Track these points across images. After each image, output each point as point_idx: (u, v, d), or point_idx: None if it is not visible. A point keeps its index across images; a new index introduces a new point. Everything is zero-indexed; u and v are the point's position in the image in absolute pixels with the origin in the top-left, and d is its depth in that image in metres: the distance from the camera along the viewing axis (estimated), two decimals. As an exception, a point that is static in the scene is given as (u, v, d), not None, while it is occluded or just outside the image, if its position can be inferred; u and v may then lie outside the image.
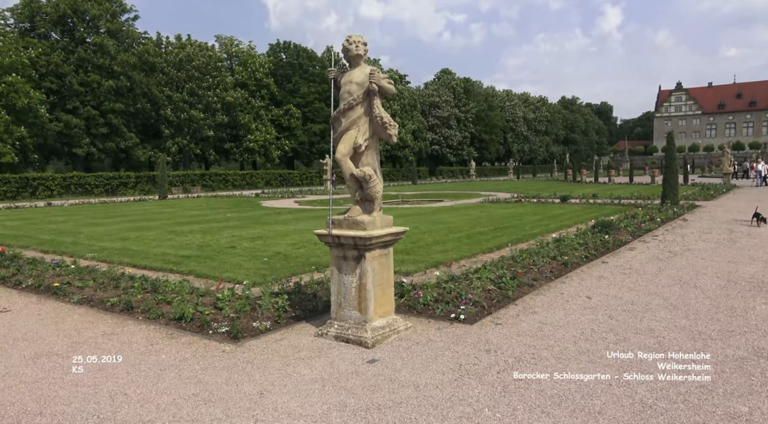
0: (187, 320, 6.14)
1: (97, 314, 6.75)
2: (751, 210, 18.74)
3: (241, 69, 56.45)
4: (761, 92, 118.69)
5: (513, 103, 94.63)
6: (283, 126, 57.41)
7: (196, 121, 50.21)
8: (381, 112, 5.29)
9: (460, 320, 5.96)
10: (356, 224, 5.30)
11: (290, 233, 13.87)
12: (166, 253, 11.15)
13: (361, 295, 5.34)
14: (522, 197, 26.19)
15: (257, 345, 5.36)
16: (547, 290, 7.41)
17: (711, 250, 10.40)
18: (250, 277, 8.54)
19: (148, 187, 44.72)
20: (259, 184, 52.83)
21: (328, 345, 5.28)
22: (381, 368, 4.67)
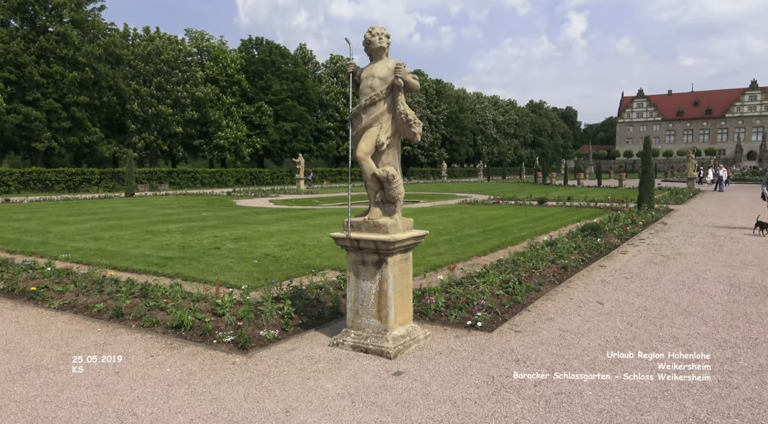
0: (187, 329, 5.72)
1: (83, 321, 6.24)
2: (723, 214, 19.23)
3: (212, 64, 55.14)
4: (717, 101, 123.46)
5: (483, 105, 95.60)
6: (255, 123, 56.36)
7: (164, 117, 48.78)
8: (406, 109, 5.00)
9: (477, 328, 5.72)
10: (377, 226, 5.00)
11: (274, 234, 13.42)
12: (146, 254, 10.57)
13: (381, 302, 5.04)
14: (499, 199, 26.28)
15: (269, 356, 5.00)
16: (555, 294, 7.26)
17: (702, 254, 10.49)
18: (242, 280, 8.13)
19: (112, 184, 43.17)
20: (229, 182, 51.71)
21: (346, 356, 4.97)
22: (409, 381, 4.38)
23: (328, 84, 66.37)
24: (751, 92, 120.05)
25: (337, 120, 65.02)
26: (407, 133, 5.07)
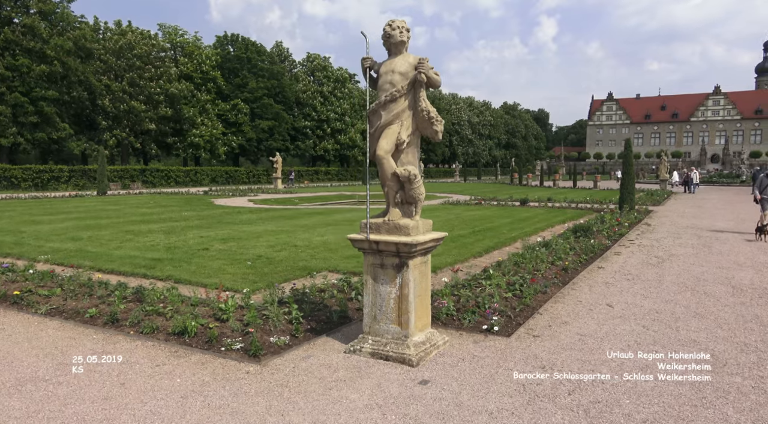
0: (191, 335, 5.42)
1: (75, 327, 5.87)
2: (702, 215, 19.59)
3: (186, 60, 54.04)
4: (682, 105, 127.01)
5: (459, 106, 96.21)
6: (231, 121, 55.46)
7: (137, 113, 47.53)
8: (428, 105, 4.81)
9: (493, 332, 5.57)
10: (398, 228, 4.80)
11: (262, 235, 13.07)
12: (132, 255, 10.13)
13: (401, 307, 4.84)
14: (482, 200, 26.32)
15: (284, 364, 4.75)
16: (562, 297, 7.17)
17: (693, 255, 10.58)
18: (238, 282, 7.83)
19: (83, 182, 41.85)
20: (204, 181, 50.73)
21: (366, 363, 4.75)
22: (437, 390, 4.19)
23: (305, 82, 65.76)
24: (715, 97, 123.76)
25: (314, 119, 64.51)
26: (428, 131, 4.88)
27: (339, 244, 11.50)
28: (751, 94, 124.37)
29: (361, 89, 75.84)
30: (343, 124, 66.73)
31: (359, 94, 72.44)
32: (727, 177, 59.40)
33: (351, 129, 67.74)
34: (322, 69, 67.53)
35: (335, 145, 66.44)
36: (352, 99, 69.03)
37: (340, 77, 68.56)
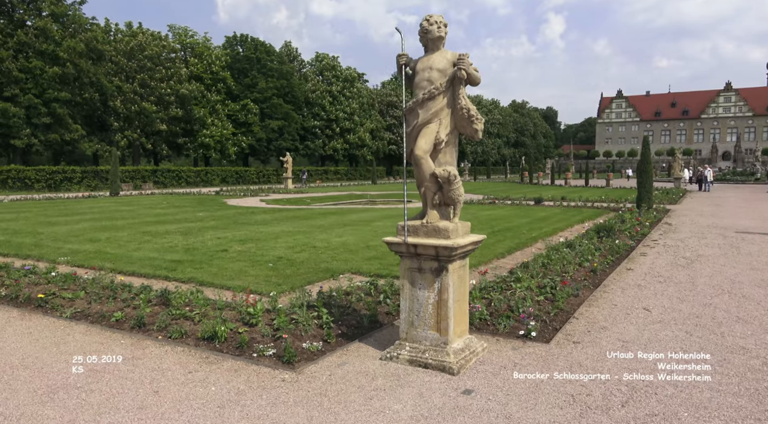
0: (221, 340, 5.28)
1: (102, 332, 5.76)
2: (722, 214, 19.26)
3: (197, 61, 54.13)
4: (693, 102, 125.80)
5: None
6: (240, 122, 55.50)
7: (148, 114, 47.67)
8: (467, 103, 4.64)
9: (531, 338, 5.40)
10: (437, 231, 4.64)
11: (280, 236, 12.96)
12: (151, 257, 10.05)
13: (440, 313, 4.68)
14: (495, 199, 26.11)
15: (319, 372, 4.60)
16: (595, 300, 6.98)
17: (722, 256, 10.34)
18: (261, 285, 7.71)
19: (95, 182, 42.06)
20: (214, 181, 50.83)
21: (404, 371, 4.59)
22: (483, 401, 4.02)
23: (314, 82, 65.71)
24: (726, 94, 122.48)
25: (323, 118, 64.44)
26: (468, 129, 4.71)
27: (358, 245, 11.35)
28: (763, 91, 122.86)
29: (369, 89, 75.77)
30: (352, 124, 66.64)
31: (368, 94, 72.38)
32: (741, 175, 58.67)
33: (360, 128, 67.63)
34: (330, 68, 67.47)
35: (344, 145, 66.36)
36: (360, 98, 68.92)
37: (349, 77, 68.47)
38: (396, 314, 6.26)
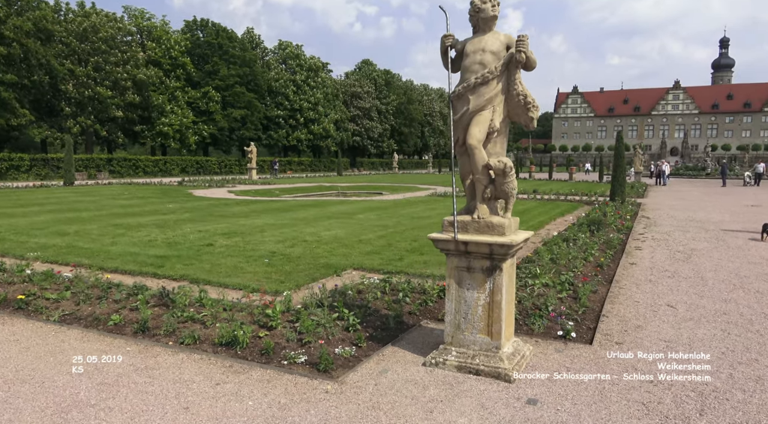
0: (242, 346, 4.80)
1: (100, 337, 5.17)
2: (691, 207, 19.73)
3: (154, 45, 51.86)
4: (644, 99, 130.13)
5: (430, 97, 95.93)
6: (201, 110, 53.64)
7: (102, 100, 45.39)
8: (524, 89, 4.30)
9: (571, 339, 5.15)
10: (490, 227, 4.29)
11: (265, 229, 12.36)
12: (132, 252, 9.33)
13: (492, 315, 4.34)
14: (469, 192, 26.02)
15: (362, 381, 4.20)
16: (614, 297, 6.82)
17: (714, 250, 10.45)
18: (262, 282, 7.21)
19: (45, 171, 39.80)
20: (173, 171, 49.00)
21: (455, 379, 4.24)
22: (552, 412, 3.73)
23: (277, 71, 64.19)
24: (674, 92, 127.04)
25: (287, 108, 63.11)
26: (523, 118, 4.37)
27: (351, 239, 10.93)
28: (708, 90, 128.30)
29: (334, 79, 74.70)
30: (317, 114, 65.54)
31: (332, 84, 71.35)
32: (693, 170, 61.19)
33: (324, 119, 66.62)
34: (294, 57, 66.05)
35: (308, 135, 65.24)
36: (325, 88, 67.84)
37: (313, 66, 67.23)
38: (420, 314, 5.92)
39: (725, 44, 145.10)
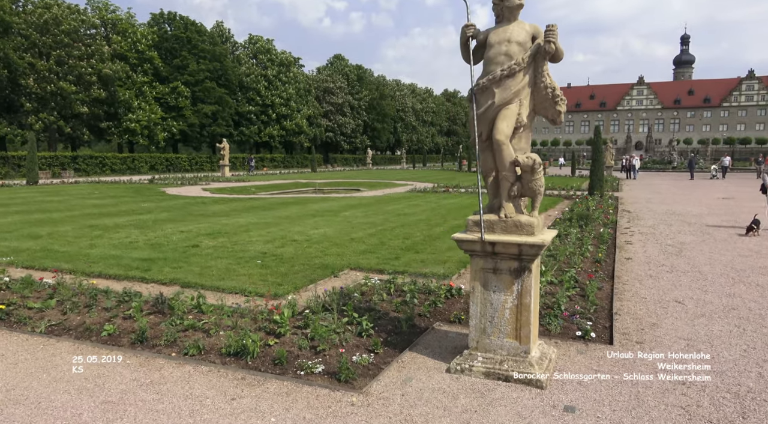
0: (252, 356, 4.51)
1: (95, 349, 4.80)
2: (668, 200, 20.02)
3: (120, 39, 50.16)
4: (610, 94, 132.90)
5: (402, 93, 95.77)
6: (170, 105, 52.18)
7: (66, 95, 43.68)
8: (552, 81, 4.12)
9: (590, 339, 5.03)
10: (519, 226, 4.10)
11: (250, 229, 11.97)
12: (113, 255, 8.86)
13: (520, 318, 4.16)
14: (448, 188, 26.00)
15: (387, 391, 3.97)
16: (620, 294, 6.75)
17: (702, 243, 10.55)
18: (258, 285, 6.90)
19: (5, 170, 38.15)
20: (142, 169, 47.62)
21: (484, 386, 4.05)
22: (593, 420, 3.57)
23: (248, 65, 62.98)
24: (639, 87, 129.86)
25: (259, 104, 62.01)
26: (550, 112, 4.19)
27: (342, 238, 10.66)
28: (670, 85, 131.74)
29: (306, 74, 73.79)
30: (289, 110, 64.61)
31: (304, 79, 70.47)
32: (660, 163, 62.76)
33: (297, 115, 65.75)
34: (265, 52, 64.88)
35: (281, 132, 64.30)
36: (297, 84, 66.92)
37: (285, 61, 66.20)
38: (431, 316, 5.72)
39: (686, 41, 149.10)
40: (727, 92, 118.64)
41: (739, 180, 36.69)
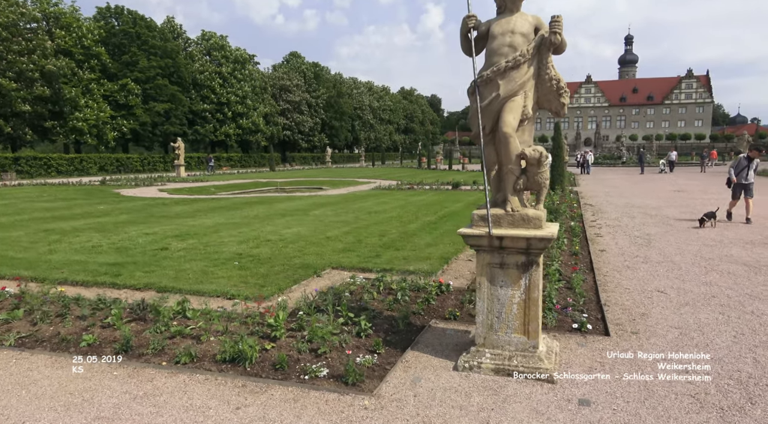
0: (251, 362, 4.30)
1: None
2: (626, 194, 20.66)
3: (64, 33, 47.75)
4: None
5: (360, 91, 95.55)
6: (120, 103, 50.17)
7: (5, 93, 41.28)
8: (556, 73, 4.09)
9: (587, 331, 5.06)
10: (526, 220, 4.06)
11: (219, 229, 11.58)
12: (78, 261, 8.37)
13: (529, 313, 4.12)
14: (413, 185, 26.05)
15: (399, 393, 3.85)
16: (604, 285, 6.86)
17: (666, 234, 10.90)
18: (240, 288, 6.66)
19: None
20: (91, 170, 45.57)
21: (495, 383, 3.99)
22: (610, 413, 3.56)
23: (202, 62, 61.27)
24: (587, 85, 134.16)
25: (214, 102, 60.48)
26: (554, 104, 4.17)
27: (317, 237, 10.45)
28: (616, 84, 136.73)
29: (261, 71, 72.52)
30: (245, 108, 63.29)
31: (260, 77, 69.21)
32: (611, 159, 65.10)
33: (253, 113, 64.51)
34: (219, 48, 63.30)
35: (237, 130, 62.91)
36: (253, 81, 65.62)
37: (240, 58, 64.78)
38: (425, 314, 5.64)
39: (630, 41, 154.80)
40: (669, 90, 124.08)
41: (687, 174, 38.41)
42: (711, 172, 39.53)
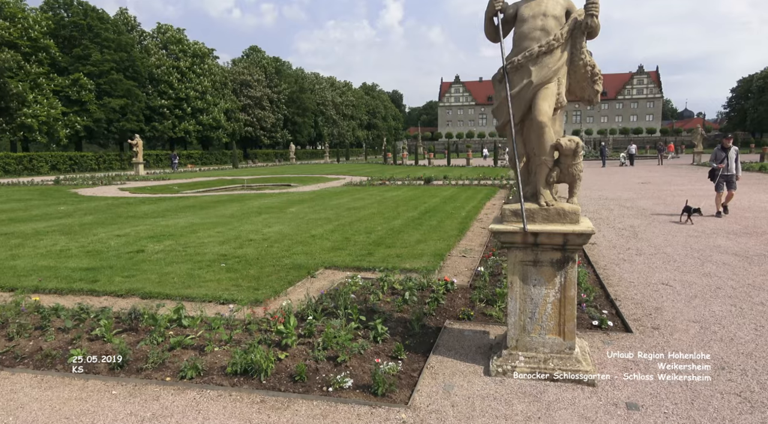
0: (266, 374, 3.94)
1: (65, 380, 4.01)
2: (594, 186, 21.04)
3: (8, 25, 45.21)
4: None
5: (322, 86, 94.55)
6: (72, 99, 47.91)
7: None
8: (591, 59, 3.88)
9: (608, 328, 4.92)
10: (562, 215, 3.85)
11: (196, 229, 11.02)
12: (48, 266, 7.74)
13: (564, 312, 3.91)
14: (385, 180, 25.79)
15: (434, 403, 3.58)
16: (607, 278, 6.77)
17: (650, 225, 11.00)
18: (232, 292, 6.27)
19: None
20: (42, 169, 43.36)
21: (534, 388, 3.76)
22: (662, 417, 3.39)
23: (158, 56, 59.23)
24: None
25: (172, 97, 58.55)
26: (588, 91, 3.96)
27: (302, 235, 10.05)
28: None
29: (221, 66, 70.71)
30: (205, 104, 61.57)
31: (220, 72, 67.46)
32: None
33: (214, 109, 62.83)
34: (176, 42, 61.29)
35: (197, 126, 61.13)
36: (213, 76, 63.90)
37: (198, 52, 62.93)
38: (437, 314, 5.38)
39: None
40: (621, 86, 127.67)
41: (646, 167, 39.46)
42: (668, 165, 40.79)
